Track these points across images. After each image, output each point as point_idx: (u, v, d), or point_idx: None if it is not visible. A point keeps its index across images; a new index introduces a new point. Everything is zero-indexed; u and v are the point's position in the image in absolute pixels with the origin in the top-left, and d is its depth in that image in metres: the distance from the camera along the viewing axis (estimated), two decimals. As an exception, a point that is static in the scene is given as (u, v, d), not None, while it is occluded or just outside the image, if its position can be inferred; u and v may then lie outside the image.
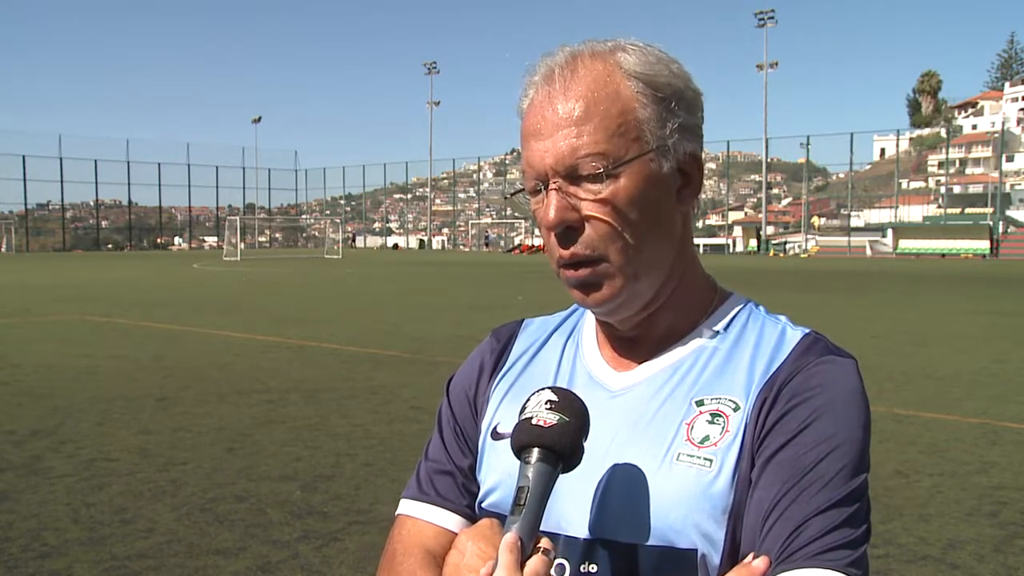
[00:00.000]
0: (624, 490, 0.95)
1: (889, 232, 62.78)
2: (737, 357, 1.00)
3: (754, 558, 0.89)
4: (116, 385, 8.23)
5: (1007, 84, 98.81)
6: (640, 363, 1.04)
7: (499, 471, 1.03)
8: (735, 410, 0.95)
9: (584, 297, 0.99)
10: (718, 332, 1.03)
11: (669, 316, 1.04)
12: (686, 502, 0.92)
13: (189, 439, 6.11)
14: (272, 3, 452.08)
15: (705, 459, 0.93)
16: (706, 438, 0.94)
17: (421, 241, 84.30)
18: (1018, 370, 9.29)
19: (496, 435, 1.06)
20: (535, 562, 0.82)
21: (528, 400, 0.92)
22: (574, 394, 0.92)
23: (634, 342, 1.05)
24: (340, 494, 4.88)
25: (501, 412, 1.08)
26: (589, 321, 1.12)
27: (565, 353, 1.11)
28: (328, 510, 4.60)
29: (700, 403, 0.97)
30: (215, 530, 4.27)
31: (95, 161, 72.62)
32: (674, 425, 0.96)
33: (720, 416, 0.96)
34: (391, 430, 6.44)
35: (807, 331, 1.02)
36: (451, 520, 1.06)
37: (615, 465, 0.96)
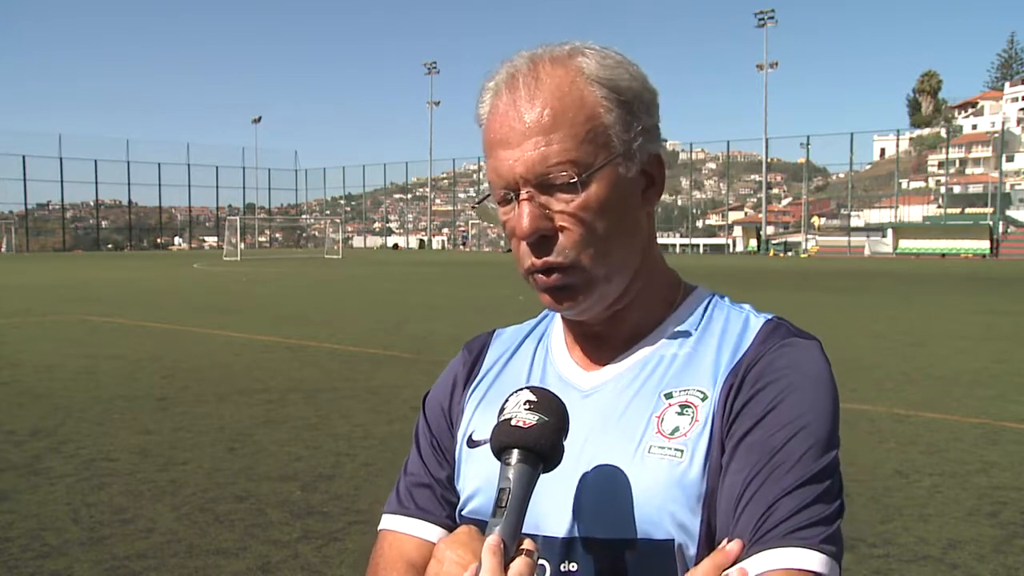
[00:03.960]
0: (599, 487, 0.95)
1: (889, 232, 62.80)
2: (703, 348, 1.01)
3: (728, 542, 0.89)
4: (116, 385, 8.23)
5: (1007, 84, 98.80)
6: (608, 362, 1.05)
7: (477, 478, 1.03)
8: (703, 399, 0.96)
9: (556, 303, 1.00)
10: (683, 325, 1.04)
11: (635, 313, 1.05)
12: (660, 494, 0.92)
13: (189, 439, 6.11)
14: (272, 3, 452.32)
15: (676, 450, 0.94)
16: (676, 429, 0.95)
17: (421, 241, 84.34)
18: (1018, 370, 9.29)
19: (472, 443, 1.06)
20: (519, 564, 0.81)
21: (507, 401, 0.92)
22: (552, 393, 0.92)
23: (602, 341, 1.06)
24: (340, 494, 4.88)
25: (476, 420, 1.08)
26: (557, 324, 1.13)
27: (536, 358, 1.12)
28: (328, 510, 4.60)
29: (669, 396, 0.98)
30: (215, 530, 4.27)
31: (95, 161, 72.68)
32: (644, 419, 0.97)
33: (689, 407, 0.96)
34: (391, 430, 6.44)
35: (770, 317, 1.03)
36: (432, 532, 1.06)
37: (589, 463, 0.97)
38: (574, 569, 0.94)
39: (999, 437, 6.28)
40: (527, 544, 0.84)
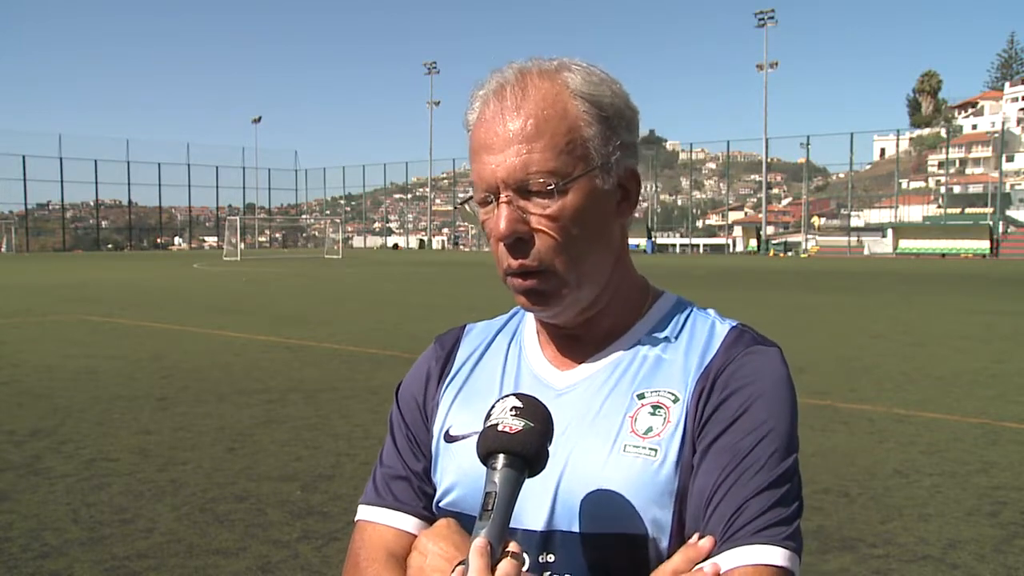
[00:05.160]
0: (576, 483, 1.00)
1: (889, 232, 62.79)
2: (673, 352, 1.07)
3: (699, 538, 0.95)
4: (116, 385, 8.23)
5: (1007, 84, 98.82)
6: (582, 362, 1.10)
7: (455, 472, 1.08)
8: (675, 401, 1.03)
9: (530, 304, 1.05)
10: (653, 329, 1.10)
11: (609, 318, 1.10)
12: (635, 491, 0.98)
13: (189, 439, 6.11)
14: (272, 3, 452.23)
15: (650, 449, 0.99)
16: (649, 429, 1.01)
17: (421, 241, 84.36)
18: (1018, 370, 9.29)
19: (449, 438, 1.11)
20: (505, 565, 0.84)
21: (493, 407, 0.95)
22: (538, 400, 0.95)
23: (576, 341, 1.11)
24: (340, 494, 4.88)
25: (452, 416, 1.12)
26: (530, 323, 1.18)
27: (509, 355, 1.16)
28: (328, 510, 4.60)
29: (641, 396, 1.04)
30: (215, 530, 4.27)
31: (95, 161, 72.69)
32: (618, 418, 1.02)
33: (661, 408, 1.02)
34: (391, 430, 6.43)
35: (734, 324, 1.10)
36: (409, 523, 1.10)
37: (565, 459, 1.01)
38: (551, 560, 0.99)
39: (999, 437, 6.28)
40: (513, 546, 0.87)
